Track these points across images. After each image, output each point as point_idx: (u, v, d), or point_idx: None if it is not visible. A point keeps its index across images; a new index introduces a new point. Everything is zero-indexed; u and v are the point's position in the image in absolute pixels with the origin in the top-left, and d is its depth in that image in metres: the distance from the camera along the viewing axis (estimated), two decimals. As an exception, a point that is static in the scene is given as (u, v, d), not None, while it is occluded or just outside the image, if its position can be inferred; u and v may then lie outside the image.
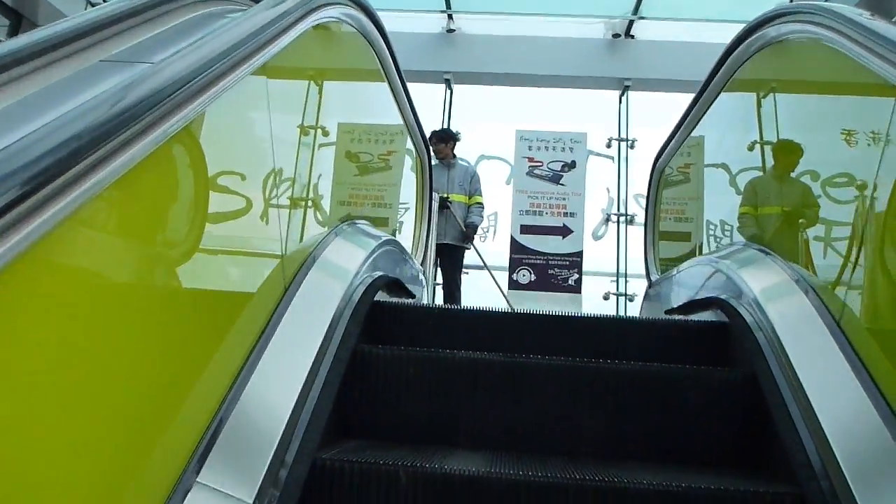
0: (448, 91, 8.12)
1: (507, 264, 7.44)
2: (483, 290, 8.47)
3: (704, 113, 3.39)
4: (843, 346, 1.92)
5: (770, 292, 2.34)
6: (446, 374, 2.09)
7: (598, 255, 8.03)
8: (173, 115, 1.15)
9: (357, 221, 2.85)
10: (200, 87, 1.26)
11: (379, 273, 2.57)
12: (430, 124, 7.90)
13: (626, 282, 7.48)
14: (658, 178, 4.33)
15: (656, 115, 8.22)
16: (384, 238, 2.86)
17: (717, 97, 3.29)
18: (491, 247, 8.17)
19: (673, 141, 3.86)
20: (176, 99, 1.14)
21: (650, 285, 3.81)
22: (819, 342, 2.03)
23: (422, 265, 4.18)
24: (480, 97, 8.38)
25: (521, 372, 2.12)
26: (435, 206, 4.96)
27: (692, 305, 2.72)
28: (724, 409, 2.06)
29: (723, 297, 2.45)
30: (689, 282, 2.93)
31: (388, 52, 3.06)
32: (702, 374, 2.09)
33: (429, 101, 8.22)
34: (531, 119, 8.07)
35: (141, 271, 1.17)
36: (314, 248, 2.34)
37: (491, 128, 8.56)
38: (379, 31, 2.89)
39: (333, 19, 2.38)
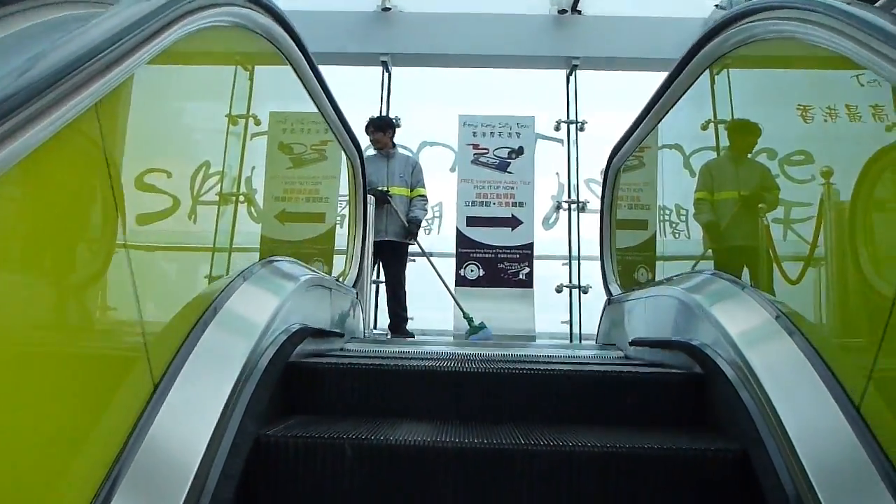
0: (385, 74, 7.68)
1: (453, 254, 7.09)
2: (428, 284, 8.13)
3: (669, 110, 3.07)
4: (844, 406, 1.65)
5: (751, 338, 2.03)
6: (383, 472, 1.72)
7: (549, 243, 7.75)
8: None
9: (276, 259, 2.46)
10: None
11: (296, 325, 2.19)
12: (367, 110, 7.48)
13: (579, 273, 7.21)
14: (614, 179, 4.01)
15: (607, 95, 7.94)
16: (306, 276, 2.47)
17: (681, 97, 2.96)
18: (436, 240, 7.83)
19: (632, 137, 3.53)
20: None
21: (610, 300, 3.50)
22: (815, 402, 1.75)
23: (355, 285, 3.80)
24: (420, 80, 7.96)
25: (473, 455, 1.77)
26: (371, 210, 4.57)
27: (662, 344, 2.41)
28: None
29: (697, 343, 2.14)
30: (658, 315, 2.62)
31: (301, 54, 2.65)
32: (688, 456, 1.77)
33: (365, 86, 7.78)
34: (475, 102, 7.68)
35: None
36: (212, 301, 1.95)
37: (433, 112, 8.14)
38: (288, 32, 2.48)
39: (222, 23, 1.96)
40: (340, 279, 3.53)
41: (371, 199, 4.74)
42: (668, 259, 3.24)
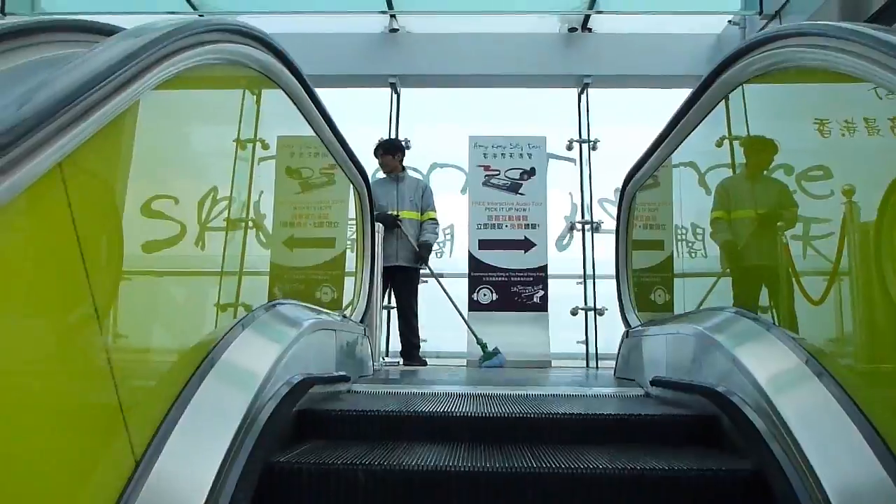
0: (394, 95, 7.62)
1: (466, 273, 6.98)
2: (441, 304, 8.02)
3: (688, 135, 2.96)
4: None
5: (780, 384, 1.92)
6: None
7: (562, 263, 7.63)
8: None
9: (279, 302, 2.36)
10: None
11: (298, 377, 2.09)
12: (376, 132, 7.42)
13: (594, 294, 7.08)
14: (630, 204, 3.90)
15: (619, 113, 7.85)
16: (310, 321, 2.38)
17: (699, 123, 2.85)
18: (448, 263, 7.73)
19: (648, 162, 3.42)
20: None
21: (629, 332, 3.38)
22: (853, 456, 1.64)
23: (363, 318, 3.70)
24: (429, 101, 7.90)
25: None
26: (380, 239, 4.48)
27: (684, 388, 2.29)
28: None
29: (722, 389, 2.02)
30: (679, 354, 2.50)
31: (302, 89, 2.57)
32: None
33: (373, 107, 7.73)
34: (485, 122, 7.61)
35: None
36: (209, 352, 1.86)
37: (443, 133, 8.09)
38: (288, 67, 2.40)
39: (212, 62, 1.88)
40: (347, 314, 3.43)
41: (380, 226, 4.65)
42: (688, 287, 3.12)
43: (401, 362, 6.46)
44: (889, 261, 1.61)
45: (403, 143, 7.43)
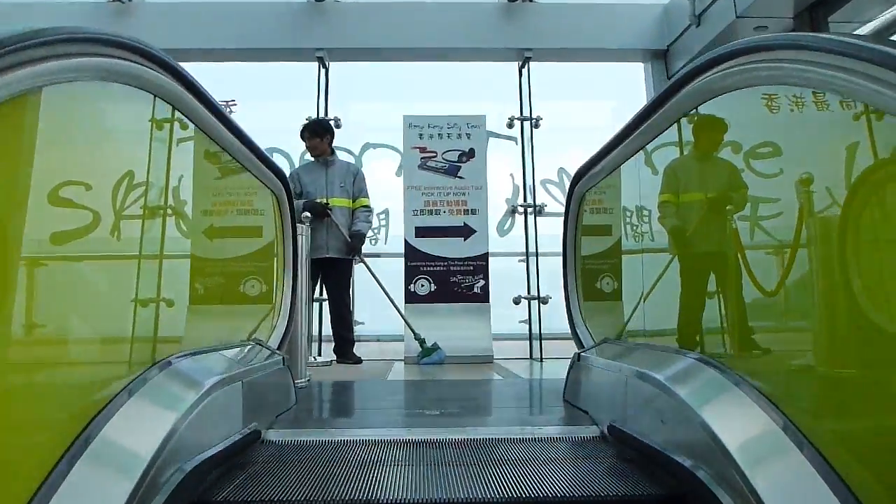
0: (322, 70, 7.17)
1: (402, 253, 6.67)
2: (376, 300, 7.73)
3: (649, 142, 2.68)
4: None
5: (754, 455, 1.69)
6: None
7: (504, 251, 7.40)
8: None
9: (175, 358, 2.02)
10: None
11: (194, 462, 1.76)
12: (304, 110, 7.00)
13: (538, 282, 6.86)
14: (578, 206, 3.63)
15: (562, 89, 7.59)
16: (211, 379, 2.04)
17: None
18: (382, 251, 7.41)
19: (606, 159, 3.14)
20: None
21: (580, 356, 3.11)
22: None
23: (281, 345, 3.35)
24: (361, 76, 7.49)
25: None
26: (303, 242, 4.12)
27: (651, 456, 2.04)
28: None
29: (688, 465, 1.78)
30: (638, 402, 2.24)
31: (194, 97, 2.19)
32: None
33: (300, 84, 7.28)
34: (421, 100, 7.28)
35: None
36: (84, 428, 1.54)
37: (376, 111, 7.71)
38: (171, 73, 2.02)
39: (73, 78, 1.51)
40: (265, 339, 3.09)
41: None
42: (648, 302, 2.87)
43: (333, 361, 6.15)
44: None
45: (333, 122, 7.04)
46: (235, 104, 7.54)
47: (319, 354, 6.50)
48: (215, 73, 7.41)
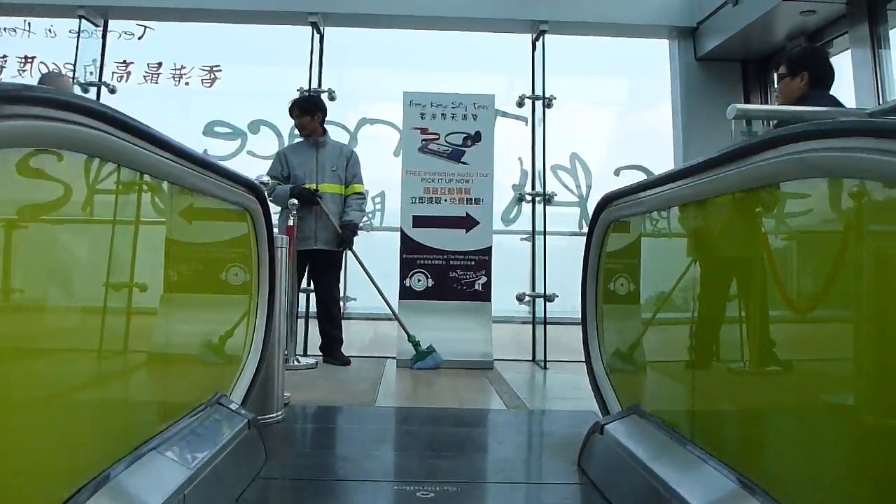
0: (316, 37, 6.56)
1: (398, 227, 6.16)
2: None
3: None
4: None
5: None
6: None
7: (508, 242, 6.91)
8: None
9: (109, 474, 1.54)
10: None
11: None
12: (295, 79, 6.43)
13: (544, 278, 6.36)
14: (604, 234, 3.12)
15: (577, 65, 7.00)
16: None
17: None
18: (377, 240, 6.92)
19: (652, 192, 2.61)
20: None
21: (603, 428, 2.61)
22: None
23: (248, 394, 2.86)
24: (358, 44, 6.88)
25: None
26: (283, 256, 3.62)
27: None
28: None
29: None
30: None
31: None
32: None
33: (291, 51, 6.68)
34: (424, 70, 6.68)
35: None
36: None
37: (374, 83, 7.12)
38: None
39: None
40: (226, 398, 2.61)
41: (283, 243, 3.78)
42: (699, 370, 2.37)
43: (319, 362, 5.69)
44: None
45: (326, 94, 6.47)
46: (220, 70, 6.96)
47: (305, 353, 6.04)
48: (197, 35, 6.83)
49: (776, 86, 3.59)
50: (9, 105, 1.24)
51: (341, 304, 6.76)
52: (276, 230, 5.75)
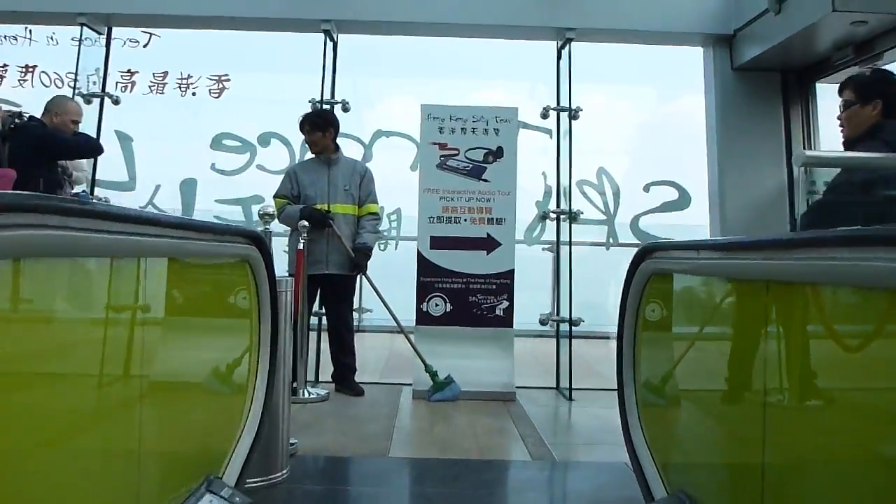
0: (329, 44, 6.25)
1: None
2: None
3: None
4: None
5: None
6: None
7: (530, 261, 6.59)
8: None
9: None
10: None
11: None
12: (307, 89, 6.13)
13: (570, 301, 6.02)
14: (643, 285, 2.79)
15: (603, 74, 6.65)
16: None
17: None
18: (393, 258, 6.61)
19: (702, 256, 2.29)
20: None
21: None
22: None
23: (250, 459, 2.56)
24: (374, 53, 6.57)
25: None
26: (287, 300, 3.32)
27: None
28: None
29: None
30: None
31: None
32: None
33: (302, 60, 6.38)
34: (442, 80, 6.35)
35: None
36: None
37: (390, 93, 6.80)
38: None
39: None
40: (218, 481, 2.31)
41: (286, 287, 3.46)
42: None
43: (331, 392, 5.40)
44: None
45: (340, 105, 6.17)
46: (229, 79, 6.67)
47: (316, 379, 5.76)
48: (205, 43, 6.55)
49: (841, 112, 3.22)
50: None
51: (356, 315, 6.43)
52: (285, 250, 5.55)
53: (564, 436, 4.51)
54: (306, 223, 5.21)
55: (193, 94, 6.63)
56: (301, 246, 5.19)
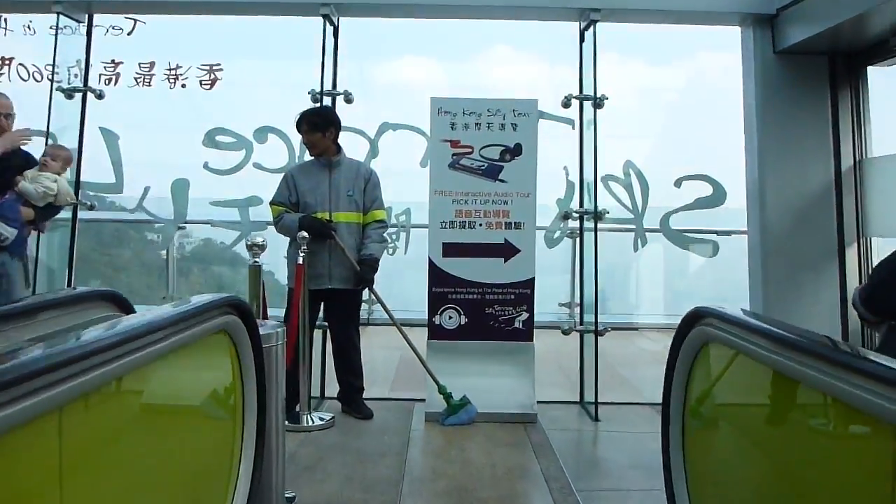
0: (329, 29, 5.74)
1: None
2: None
3: None
4: None
5: None
6: None
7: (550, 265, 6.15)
8: None
9: None
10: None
11: None
12: (306, 80, 5.66)
13: (595, 309, 5.57)
14: (693, 355, 2.35)
15: (630, 56, 6.12)
16: None
17: None
18: (402, 262, 6.18)
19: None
20: None
21: None
22: None
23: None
24: (378, 37, 6.06)
25: None
26: (278, 353, 2.90)
27: None
28: None
29: None
30: None
31: None
32: None
33: (301, 47, 5.89)
34: (453, 64, 5.84)
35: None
36: None
37: (397, 82, 6.29)
38: None
39: None
40: None
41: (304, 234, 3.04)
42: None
43: (336, 416, 5.02)
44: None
45: (342, 96, 5.69)
46: (221, 69, 6.19)
47: (322, 395, 5.39)
48: (195, 30, 6.06)
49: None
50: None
51: (364, 307, 5.98)
52: (285, 256, 5.13)
53: (593, 478, 4.09)
54: (306, 234, 4.79)
55: (183, 85, 6.15)
56: (301, 260, 4.77)
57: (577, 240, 5.99)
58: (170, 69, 6.15)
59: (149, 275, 9.49)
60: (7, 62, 6.05)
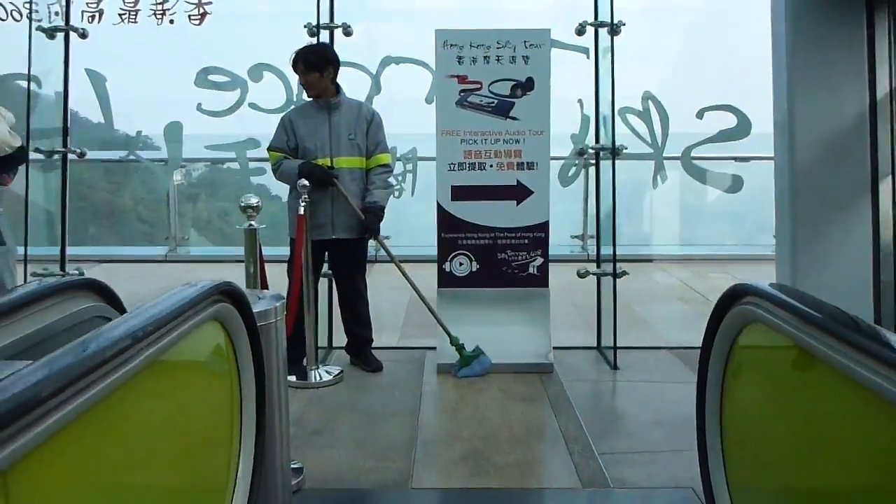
0: (324, -44, 5.34)
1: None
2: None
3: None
4: None
5: None
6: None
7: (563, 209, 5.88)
8: None
9: None
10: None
11: None
12: (302, 11, 5.30)
13: (613, 251, 5.33)
14: (732, 340, 2.13)
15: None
16: None
17: None
18: (409, 205, 5.92)
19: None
20: None
21: None
22: None
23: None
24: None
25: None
26: (276, 336, 2.69)
27: None
28: None
29: None
30: None
31: None
32: None
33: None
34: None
35: None
36: None
37: (399, 7, 5.90)
38: None
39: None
40: None
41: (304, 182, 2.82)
42: None
43: (345, 369, 4.86)
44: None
45: (341, 29, 5.35)
46: (210, 2, 5.82)
47: (330, 346, 5.23)
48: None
49: None
50: None
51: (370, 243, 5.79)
52: (290, 210, 4.89)
53: (614, 437, 3.91)
54: (306, 182, 4.53)
55: (171, 22, 5.78)
56: (302, 210, 4.53)
57: (592, 169, 5.71)
58: (156, 4, 5.77)
59: (151, 212, 9.28)
60: (-16, 1, 5.70)
